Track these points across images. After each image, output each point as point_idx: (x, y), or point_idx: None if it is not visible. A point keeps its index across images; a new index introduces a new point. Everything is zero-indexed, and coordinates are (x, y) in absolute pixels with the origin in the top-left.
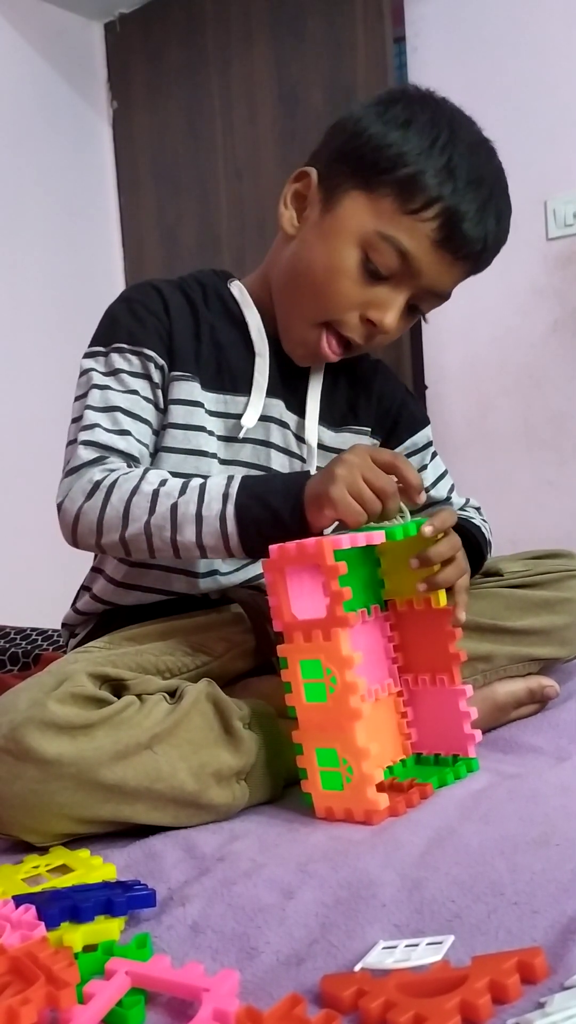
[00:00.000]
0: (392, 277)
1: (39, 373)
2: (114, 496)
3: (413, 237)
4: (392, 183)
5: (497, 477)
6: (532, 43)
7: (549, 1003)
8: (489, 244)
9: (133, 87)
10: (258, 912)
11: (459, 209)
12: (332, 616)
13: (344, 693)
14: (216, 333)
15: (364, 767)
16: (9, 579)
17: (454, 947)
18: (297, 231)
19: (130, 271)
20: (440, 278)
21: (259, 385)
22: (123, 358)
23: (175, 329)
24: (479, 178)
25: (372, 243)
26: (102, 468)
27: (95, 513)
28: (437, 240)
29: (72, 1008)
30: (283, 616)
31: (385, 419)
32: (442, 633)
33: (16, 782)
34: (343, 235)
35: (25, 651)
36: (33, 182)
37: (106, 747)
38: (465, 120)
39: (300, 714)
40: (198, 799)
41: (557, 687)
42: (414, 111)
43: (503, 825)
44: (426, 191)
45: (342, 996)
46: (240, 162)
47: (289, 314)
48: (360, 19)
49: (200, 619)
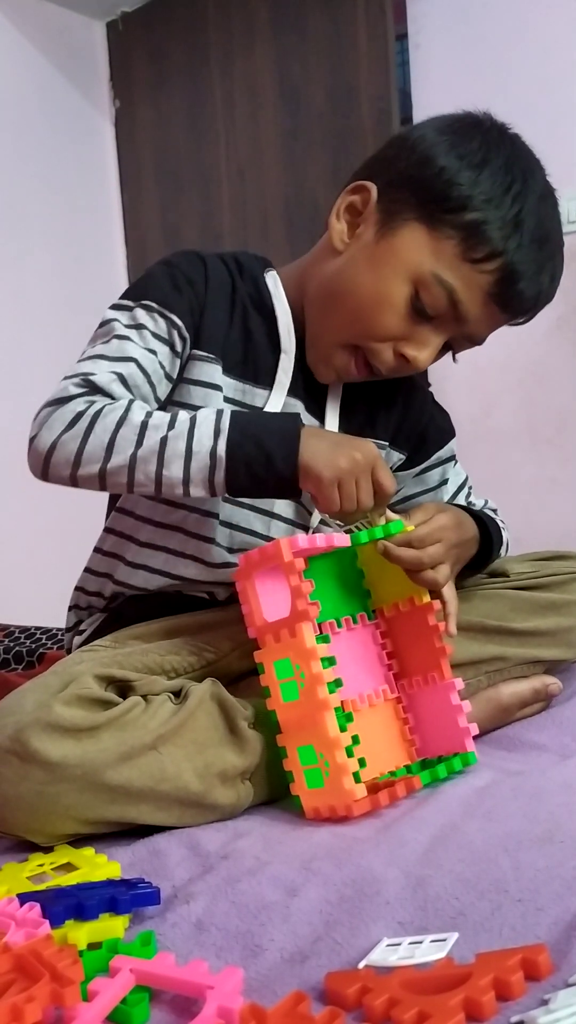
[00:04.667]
0: (436, 318)
1: (42, 371)
2: (98, 426)
3: (469, 286)
4: (458, 225)
5: (501, 475)
6: (535, 39)
7: (553, 1000)
8: (540, 304)
9: (135, 85)
10: (262, 910)
11: (519, 267)
12: (295, 611)
13: (312, 685)
14: (247, 318)
15: (337, 757)
16: (13, 578)
17: (458, 944)
18: (346, 247)
19: (132, 269)
20: (483, 327)
21: (281, 383)
22: (150, 316)
23: (209, 304)
24: (544, 236)
25: (426, 283)
26: (86, 399)
27: (75, 443)
28: (491, 293)
29: (76, 1006)
30: (255, 622)
31: (411, 435)
32: (427, 629)
33: (22, 783)
34: (397, 267)
35: (30, 650)
36: (36, 180)
37: (111, 749)
38: (538, 167)
39: (280, 716)
40: (203, 799)
41: (560, 685)
42: (490, 150)
43: (507, 822)
44: (491, 243)
45: (346, 993)
46: (242, 159)
47: (320, 328)
48: (362, 16)
49: (205, 618)
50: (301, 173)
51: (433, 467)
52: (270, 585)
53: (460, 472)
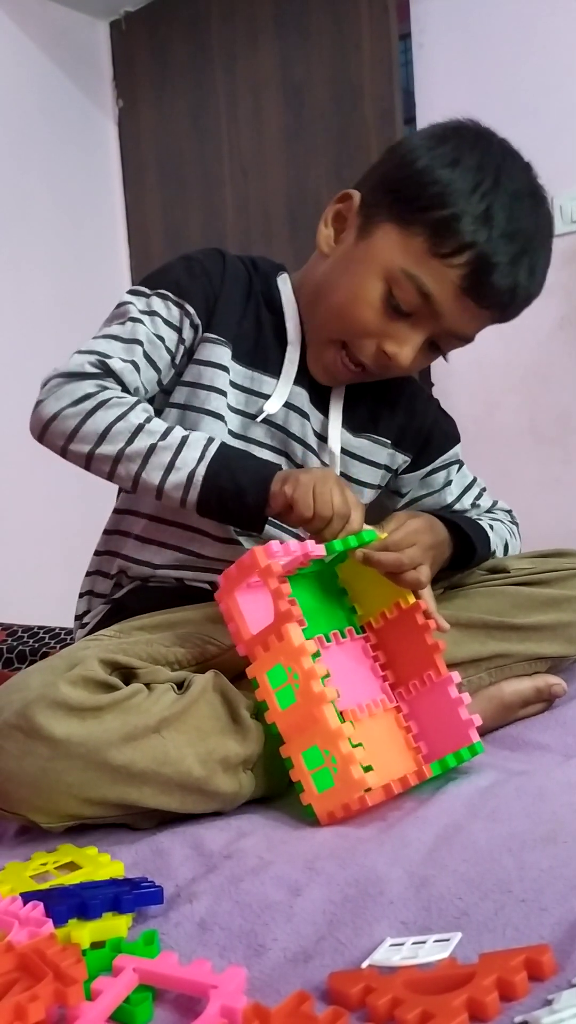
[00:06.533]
0: (413, 315)
1: (44, 370)
2: (100, 413)
3: (438, 281)
4: (427, 223)
5: (503, 474)
6: (538, 39)
7: (556, 1000)
8: (518, 297)
9: (138, 86)
10: (265, 909)
11: (490, 259)
12: (278, 614)
13: (306, 682)
14: (259, 313)
15: (342, 747)
16: (17, 578)
17: (461, 944)
18: (332, 251)
19: (136, 269)
20: (462, 323)
21: (287, 373)
22: (164, 304)
23: (224, 294)
24: (517, 229)
25: (396, 279)
26: (97, 383)
27: (75, 420)
28: (463, 287)
29: (80, 1005)
30: (243, 638)
31: (417, 438)
32: (417, 629)
33: (26, 759)
34: (371, 265)
35: (33, 649)
36: (39, 181)
37: (115, 729)
38: (516, 166)
39: (280, 726)
40: (205, 785)
41: (564, 685)
42: (463, 151)
43: (510, 822)
44: (458, 236)
45: (349, 993)
46: (245, 160)
47: (312, 327)
48: (365, 16)
49: (210, 611)
50: (304, 173)
51: (438, 470)
52: (251, 599)
53: (466, 475)
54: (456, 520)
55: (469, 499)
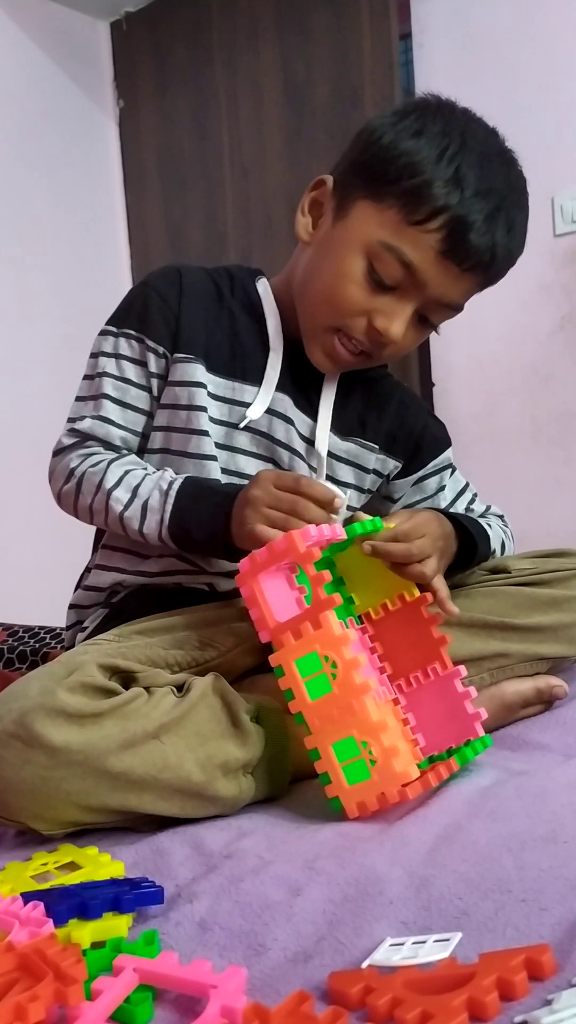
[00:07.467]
0: (398, 287)
1: (45, 371)
2: (84, 485)
3: (417, 248)
4: (398, 193)
5: (504, 474)
6: (538, 39)
7: (556, 1000)
8: (498, 255)
9: (139, 86)
10: (265, 909)
11: (465, 219)
12: (317, 601)
13: (346, 672)
14: (235, 322)
15: (384, 740)
16: (17, 578)
17: (461, 944)
18: (312, 238)
19: (136, 269)
20: (447, 289)
21: (270, 379)
22: (128, 343)
23: (184, 311)
24: (489, 188)
25: (376, 253)
26: (79, 454)
27: (71, 499)
28: (442, 251)
29: (80, 1005)
30: (268, 624)
31: (407, 443)
32: (422, 622)
33: (25, 768)
34: (350, 244)
35: (33, 649)
36: (40, 181)
37: (114, 736)
38: (480, 130)
39: (308, 716)
40: (204, 790)
41: (566, 687)
42: (426, 121)
43: (510, 822)
44: (431, 202)
45: (349, 993)
46: (246, 159)
47: (306, 319)
48: (366, 16)
49: (209, 613)
50: (305, 172)
51: (431, 475)
52: (271, 585)
53: (459, 480)
54: (457, 517)
55: (462, 504)
